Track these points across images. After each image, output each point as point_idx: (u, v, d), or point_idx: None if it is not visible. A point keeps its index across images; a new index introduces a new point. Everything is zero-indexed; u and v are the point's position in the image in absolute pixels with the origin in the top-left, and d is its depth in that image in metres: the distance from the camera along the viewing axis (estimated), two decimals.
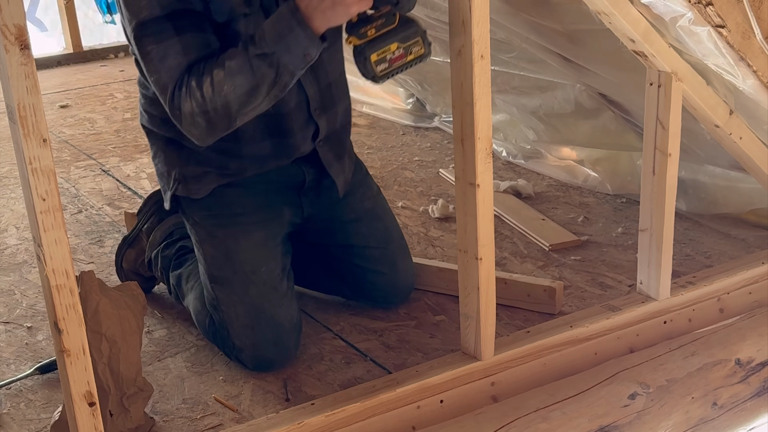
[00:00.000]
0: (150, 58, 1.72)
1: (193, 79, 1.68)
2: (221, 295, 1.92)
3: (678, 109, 1.84)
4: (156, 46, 1.70)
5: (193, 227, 1.99)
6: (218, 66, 1.67)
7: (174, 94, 1.70)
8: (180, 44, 1.70)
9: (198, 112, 1.68)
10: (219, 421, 1.75)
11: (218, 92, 1.66)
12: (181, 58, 1.69)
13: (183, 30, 1.71)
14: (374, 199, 2.15)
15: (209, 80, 1.66)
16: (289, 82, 1.68)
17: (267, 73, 1.65)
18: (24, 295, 2.31)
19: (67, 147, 3.63)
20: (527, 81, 2.84)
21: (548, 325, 1.91)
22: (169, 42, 1.70)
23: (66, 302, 1.34)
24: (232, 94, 1.66)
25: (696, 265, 2.28)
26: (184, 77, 1.69)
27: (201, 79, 1.67)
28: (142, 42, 1.72)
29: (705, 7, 1.61)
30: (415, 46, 1.62)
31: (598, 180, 2.83)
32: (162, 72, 1.70)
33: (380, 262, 2.08)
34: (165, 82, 1.70)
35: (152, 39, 1.71)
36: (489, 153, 1.63)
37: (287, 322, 1.91)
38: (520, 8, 2.19)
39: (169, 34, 1.70)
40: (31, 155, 1.25)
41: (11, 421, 1.78)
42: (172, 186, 1.98)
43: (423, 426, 1.70)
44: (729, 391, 1.83)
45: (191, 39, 1.71)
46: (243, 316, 1.89)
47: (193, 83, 1.67)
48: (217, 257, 1.94)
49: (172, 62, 1.69)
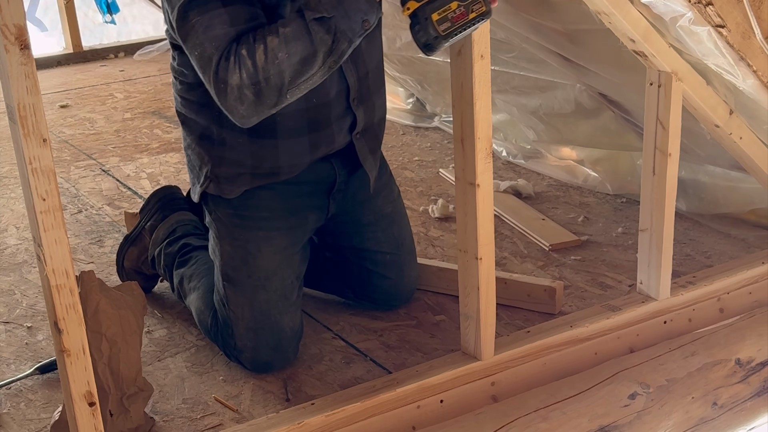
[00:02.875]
0: (194, 32, 1.62)
1: (243, 47, 1.57)
2: (231, 295, 1.91)
3: (678, 109, 1.84)
4: (201, 17, 1.61)
5: (214, 222, 1.96)
6: (272, 33, 1.57)
7: (219, 65, 1.59)
8: (227, 14, 1.62)
9: (248, 84, 1.57)
10: (219, 421, 1.75)
11: (272, 60, 1.56)
12: (228, 27, 1.60)
13: (230, 1, 1.63)
14: (394, 203, 2.13)
15: (262, 47, 1.56)
16: (346, 51, 1.59)
17: (324, 39, 1.56)
18: (24, 295, 2.31)
19: (67, 147, 3.63)
20: (527, 81, 2.84)
21: (548, 325, 1.91)
22: (215, 12, 1.61)
23: (66, 302, 1.34)
24: (286, 62, 1.56)
25: (696, 265, 2.28)
26: (233, 46, 1.59)
27: (253, 47, 1.57)
28: (187, 16, 1.63)
29: (705, 7, 1.61)
30: (476, 4, 1.52)
31: (598, 180, 2.83)
32: (206, 43, 1.60)
33: (389, 268, 2.08)
34: (209, 53, 1.60)
35: (197, 11, 1.62)
36: (489, 153, 1.63)
37: (289, 329, 1.91)
38: (520, 8, 2.19)
39: (216, 4, 1.62)
40: (31, 155, 1.25)
41: (11, 421, 1.78)
42: (203, 183, 1.93)
43: (423, 426, 1.70)
44: (729, 391, 1.83)
45: (239, 10, 1.62)
46: (248, 319, 1.89)
47: (243, 51, 1.57)
48: (235, 258, 1.92)
49: (218, 32, 1.60)
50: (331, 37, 1.56)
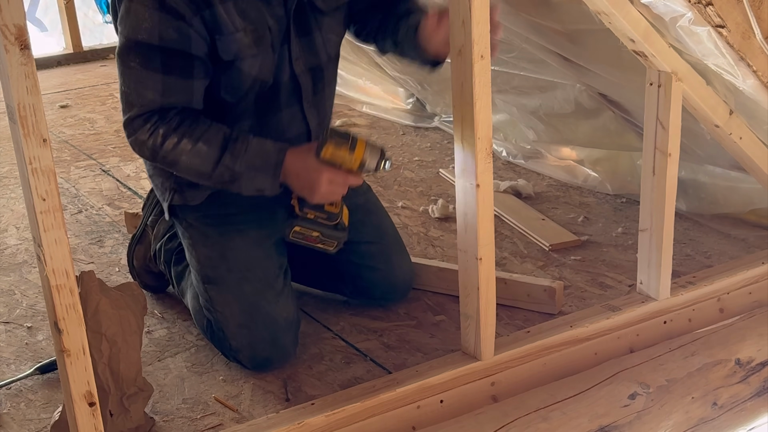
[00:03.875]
0: (129, 74, 1.76)
1: (163, 127, 1.76)
2: (215, 296, 1.92)
3: (678, 109, 1.84)
4: (139, 68, 1.74)
5: (186, 230, 1.99)
6: (190, 137, 1.76)
7: (136, 119, 1.77)
8: (161, 84, 1.75)
9: (149, 147, 1.78)
10: (219, 421, 1.75)
11: (175, 155, 1.77)
12: (158, 96, 1.75)
13: (170, 71, 1.75)
14: (365, 195, 2.16)
15: (175, 141, 1.76)
16: (235, 191, 1.82)
17: (222, 178, 1.79)
18: (24, 295, 2.31)
19: (67, 147, 3.63)
20: (527, 81, 2.84)
21: (548, 325, 1.91)
22: (153, 75, 1.75)
23: (66, 302, 1.34)
24: (184, 164, 1.78)
25: (696, 265, 2.28)
26: (154, 116, 1.76)
27: (170, 134, 1.76)
28: (128, 56, 1.75)
29: (705, 7, 1.61)
30: (329, 245, 1.89)
31: (598, 180, 2.83)
32: (133, 94, 1.76)
33: (374, 258, 2.08)
34: (132, 102, 1.77)
35: (139, 60, 1.74)
36: (489, 153, 1.63)
37: (283, 320, 1.90)
38: (520, 8, 2.19)
39: (156, 67, 1.74)
40: (31, 155, 1.25)
41: (11, 421, 1.78)
42: (168, 196, 1.99)
43: (423, 426, 1.70)
44: (729, 391, 1.83)
45: (174, 83, 1.76)
46: (238, 315, 1.89)
47: (161, 130, 1.76)
48: (212, 257, 1.94)
49: (147, 93, 1.75)
50: (229, 181, 1.80)
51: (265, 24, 1.81)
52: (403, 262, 2.14)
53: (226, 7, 1.75)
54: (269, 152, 1.79)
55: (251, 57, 1.80)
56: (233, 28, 1.76)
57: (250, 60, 1.81)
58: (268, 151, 1.79)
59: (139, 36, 1.72)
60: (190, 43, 1.74)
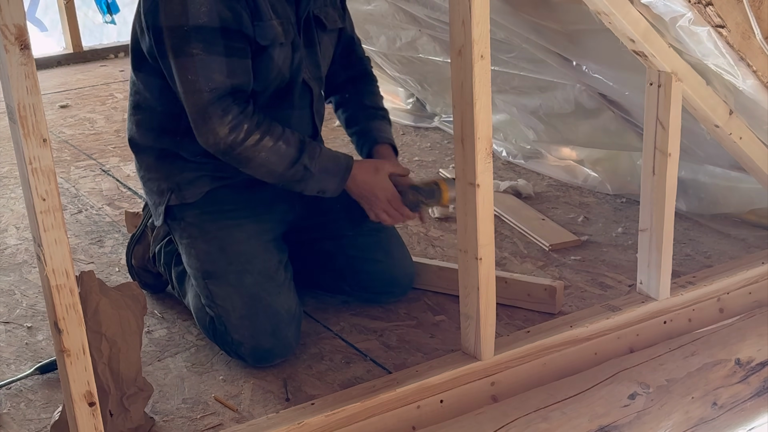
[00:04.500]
0: (192, 63, 1.77)
1: (247, 122, 1.79)
2: (216, 290, 1.92)
3: (678, 109, 1.84)
4: (203, 54, 1.77)
5: (185, 230, 1.99)
6: (272, 135, 1.82)
7: (212, 108, 1.78)
8: (226, 66, 1.78)
9: (225, 145, 1.80)
10: (219, 421, 1.75)
11: (255, 150, 1.81)
12: (224, 77, 1.78)
13: (232, 53, 1.79)
14: None
15: (258, 137, 1.81)
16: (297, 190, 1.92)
17: (294, 177, 1.87)
18: (24, 295, 2.31)
19: (67, 147, 3.63)
20: (527, 81, 2.84)
21: (548, 325, 1.91)
22: (217, 58, 1.78)
23: (66, 302, 1.34)
24: (260, 161, 1.83)
25: (696, 265, 2.28)
26: (233, 108, 1.79)
27: (252, 129, 1.80)
28: (189, 45, 1.76)
29: (705, 7, 1.61)
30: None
31: (598, 180, 2.83)
32: (200, 80, 1.77)
33: (374, 250, 2.09)
34: (201, 88, 1.78)
35: (202, 46, 1.76)
36: (489, 153, 1.63)
37: (285, 311, 1.91)
38: (520, 8, 2.19)
39: (219, 50, 1.78)
40: (31, 155, 1.25)
41: (11, 421, 1.78)
42: (166, 198, 1.99)
43: (423, 426, 1.70)
44: (729, 391, 1.83)
45: (237, 65, 1.80)
46: (239, 308, 1.89)
47: (246, 125, 1.79)
48: (211, 252, 1.94)
49: (215, 76, 1.78)
50: (298, 179, 1.88)
51: (289, 20, 1.89)
52: (403, 256, 2.14)
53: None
54: (339, 158, 1.93)
55: (280, 46, 1.87)
56: (269, 16, 1.84)
57: (279, 49, 1.87)
58: (338, 157, 1.93)
59: (199, 20, 1.75)
60: (242, 22, 1.79)
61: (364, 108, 2.16)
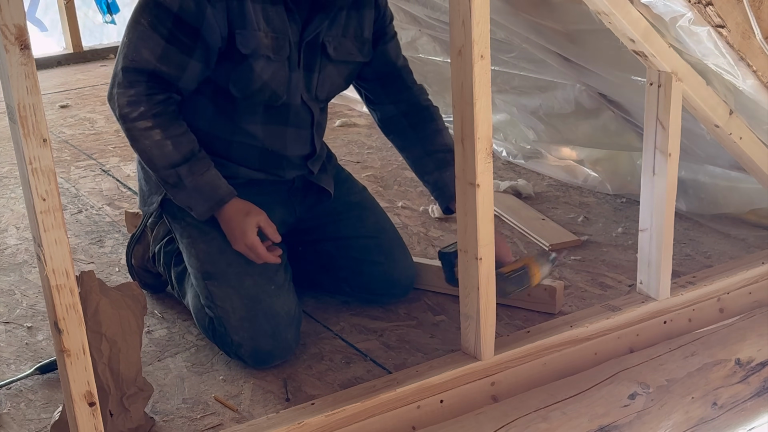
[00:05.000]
0: (135, 29, 1.82)
1: (144, 104, 1.81)
2: (216, 290, 1.92)
3: (678, 109, 1.84)
4: (147, 26, 1.80)
5: (185, 229, 1.99)
6: (164, 130, 1.83)
7: (124, 75, 1.81)
8: (161, 48, 1.81)
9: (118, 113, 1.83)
10: (219, 421, 1.75)
11: (141, 134, 1.83)
12: (152, 58, 1.81)
13: (174, 41, 1.81)
14: (360, 194, 2.20)
15: (148, 125, 1.82)
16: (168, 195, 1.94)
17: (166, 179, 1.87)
18: (24, 295, 2.31)
19: (67, 147, 3.63)
20: (527, 81, 2.84)
21: (548, 325, 1.91)
22: (157, 37, 1.80)
23: (66, 302, 1.34)
24: (142, 146, 1.84)
25: (696, 265, 2.28)
26: (141, 85, 1.81)
27: (146, 115, 1.82)
28: (142, 13, 1.82)
29: (705, 7, 1.61)
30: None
31: (598, 180, 2.83)
32: (131, 47, 1.82)
33: (375, 252, 2.09)
34: (127, 54, 1.82)
35: (150, 20, 1.80)
36: (489, 153, 1.63)
37: (285, 313, 1.91)
38: (520, 8, 2.19)
39: (163, 32, 1.80)
40: (31, 155, 1.25)
41: (11, 421, 1.78)
42: (163, 190, 1.99)
43: (423, 426, 1.70)
44: (729, 391, 1.83)
45: (173, 54, 1.82)
46: (239, 309, 1.89)
47: (142, 108, 1.81)
48: (211, 253, 1.94)
49: (144, 52, 1.81)
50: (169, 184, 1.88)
51: (286, 36, 1.86)
52: (404, 258, 2.14)
53: (255, 6, 1.82)
54: (220, 187, 1.89)
55: (266, 60, 1.85)
56: (256, 26, 1.82)
57: (264, 62, 1.85)
58: (219, 186, 1.89)
59: None
60: (203, 22, 1.79)
61: (429, 154, 2.10)
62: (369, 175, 3.01)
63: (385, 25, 2.06)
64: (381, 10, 2.03)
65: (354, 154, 3.27)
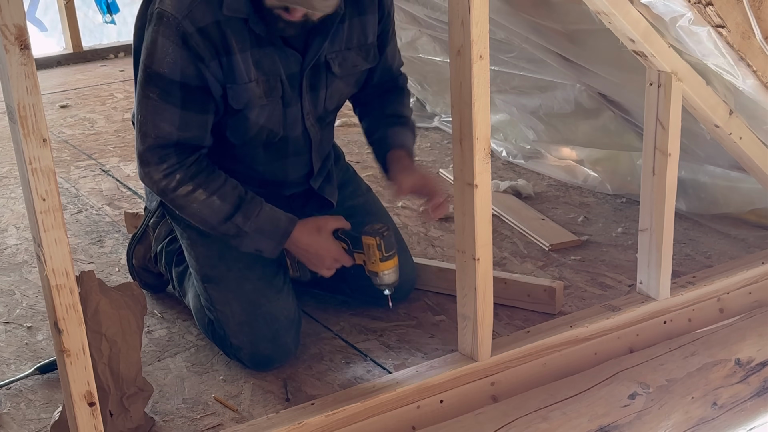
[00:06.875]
0: (147, 104, 1.76)
1: (180, 171, 1.78)
2: (215, 294, 1.92)
3: (678, 109, 1.84)
4: (157, 99, 1.75)
5: (184, 231, 1.99)
6: (206, 188, 1.80)
7: (151, 154, 1.78)
8: (179, 118, 1.77)
9: (158, 189, 1.80)
10: (219, 421, 1.75)
11: (187, 200, 1.80)
12: (174, 129, 1.77)
13: (189, 106, 1.77)
14: (364, 196, 2.18)
15: (190, 188, 1.79)
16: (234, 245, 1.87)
17: (228, 233, 1.83)
18: (24, 295, 2.31)
19: (67, 147, 3.63)
20: (527, 81, 2.84)
21: (548, 325, 1.91)
22: (171, 108, 1.76)
23: (66, 302, 1.34)
24: (193, 210, 1.81)
25: (696, 265, 2.28)
26: (171, 157, 1.78)
27: (185, 180, 1.78)
28: (148, 86, 1.75)
29: (705, 7, 1.61)
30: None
31: (598, 180, 2.83)
32: (149, 124, 1.77)
33: None
34: (147, 132, 1.77)
35: (158, 92, 1.75)
36: (487, 153, 1.63)
37: (284, 317, 1.91)
38: (520, 8, 2.19)
39: (175, 101, 1.75)
40: (31, 155, 1.25)
41: (11, 421, 1.78)
42: None
43: (423, 426, 1.70)
44: (729, 391, 1.83)
45: (191, 118, 1.78)
46: (239, 314, 1.89)
47: (178, 175, 1.78)
48: (211, 256, 1.94)
49: (164, 125, 1.76)
50: (232, 235, 1.84)
51: (278, 76, 1.83)
52: (405, 261, 2.13)
53: (244, 57, 1.76)
54: (280, 220, 1.85)
55: (260, 107, 1.83)
56: (246, 78, 1.78)
57: (258, 110, 1.83)
58: (279, 219, 1.85)
59: (161, 69, 1.73)
60: (206, 80, 1.76)
61: (384, 116, 2.06)
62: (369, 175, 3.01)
63: (387, 27, 2.02)
64: (384, 11, 1.97)
65: (354, 154, 3.27)
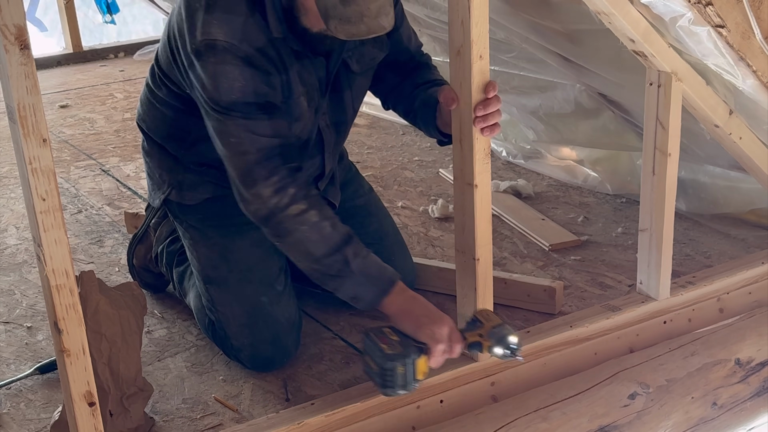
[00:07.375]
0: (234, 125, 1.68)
1: (293, 186, 1.67)
2: (216, 296, 1.92)
3: (678, 109, 1.84)
4: (243, 120, 1.67)
5: (187, 230, 1.99)
6: (319, 211, 1.68)
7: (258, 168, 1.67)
8: (270, 126, 1.69)
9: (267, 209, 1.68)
10: (219, 421, 1.75)
11: (296, 222, 1.67)
12: (270, 136, 1.69)
13: (274, 114, 1.71)
14: (366, 196, 2.17)
15: (303, 207, 1.67)
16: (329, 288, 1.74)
17: (330, 269, 1.69)
18: (24, 295, 2.31)
19: (67, 147, 3.63)
20: (527, 81, 2.84)
21: (548, 325, 1.91)
22: (261, 122, 1.69)
23: (66, 302, 1.34)
24: (299, 236, 1.68)
25: (696, 265, 2.28)
26: (281, 170, 1.68)
27: (299, 197, 1.67)
28: (228, 114, 1.68)
29: (705, 7, 1.61)
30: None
31: (598, 180, 2.83)
32: (245, 141, 1.68)
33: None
34: (247, 149, 1.68)
35: (240, 115, 1.68)
36: (487, 153, 1.63)
37: (285, 320, 1.91)
38: (520, 8, 2.19)
39: (261, 116, 1.69)
40: (31, 155, 1.25)
41: (11, 421, 1.78)
42: (166, 190, 1.99)
43: (423, 426, 1.70)
44: (729, 391, 1.83)
45: (280, 124, 1.72)
46: (240, 316, 1.89)
47: (292, 189, 1.67)
48: (212, 257, 1.94)
49: (262, 139, 1.68)
50: (333, 274, 1.69)
51: (314, 86, 1.80)
52: (405, 264, 2.13)
53: (293, 73, 1.74)
54: (386, 268, 1.72)
55: (302, 119, 1.80)
56: (297, 93, 1.76)
57: (302, 123, 1.80)
58: (386, 268, 1.72)
59: (231, 97, 1.67)
60: (275, 88, 1.72)
61: (418, 86, 1.92)
62: (369, 174, 3.02)
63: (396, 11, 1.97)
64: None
65: (354, 154, 3.27)
